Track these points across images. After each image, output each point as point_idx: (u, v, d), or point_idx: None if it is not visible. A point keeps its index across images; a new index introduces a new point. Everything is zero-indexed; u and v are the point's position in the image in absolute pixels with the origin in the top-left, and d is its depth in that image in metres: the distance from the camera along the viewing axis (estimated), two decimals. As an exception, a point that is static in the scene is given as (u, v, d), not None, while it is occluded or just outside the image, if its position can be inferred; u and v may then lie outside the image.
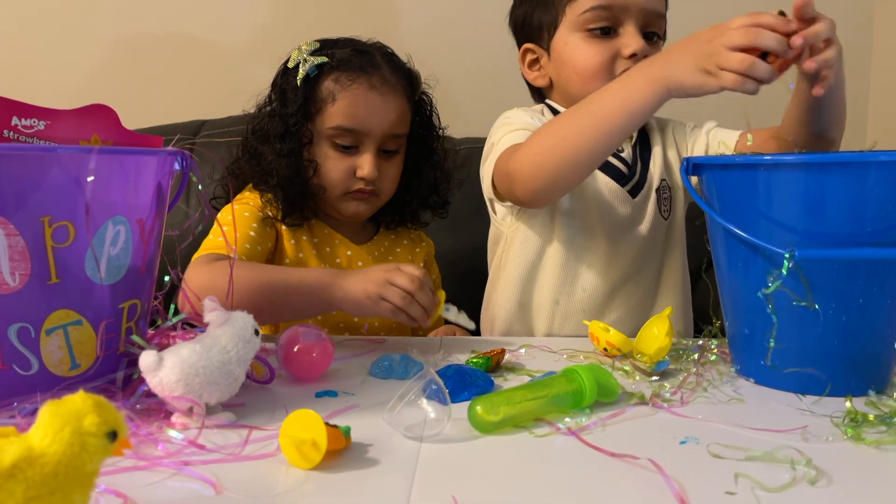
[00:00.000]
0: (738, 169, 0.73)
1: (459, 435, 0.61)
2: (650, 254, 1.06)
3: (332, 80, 1.06)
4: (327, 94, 1.06)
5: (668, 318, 0.83)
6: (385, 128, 1.06)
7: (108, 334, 0.67)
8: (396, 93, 1.08)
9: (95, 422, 0.41)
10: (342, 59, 1.07)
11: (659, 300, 1.07)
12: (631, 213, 1.04)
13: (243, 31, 1.67)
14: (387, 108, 1.06)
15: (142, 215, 0.68)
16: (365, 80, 1.06)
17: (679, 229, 1.09)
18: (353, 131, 1.05)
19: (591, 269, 1.04)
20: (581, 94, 0.98)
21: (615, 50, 1.00)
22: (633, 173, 1.05)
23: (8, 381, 0.62)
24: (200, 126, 1.50)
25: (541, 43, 1.07)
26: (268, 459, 0.56)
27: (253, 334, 0.66)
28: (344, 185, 1.07)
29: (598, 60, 1.00)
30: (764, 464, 0.55)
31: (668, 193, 1.08)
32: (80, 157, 0.62)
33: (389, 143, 1.08)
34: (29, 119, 0.68)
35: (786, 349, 0.70)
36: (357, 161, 1.07)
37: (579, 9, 1.01)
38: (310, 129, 1.07)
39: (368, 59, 1.08)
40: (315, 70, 1.06)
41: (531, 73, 1.10)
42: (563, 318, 1.04)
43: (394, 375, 0.78)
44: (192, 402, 0.61)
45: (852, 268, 0.69)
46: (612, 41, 1.00)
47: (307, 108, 1.06)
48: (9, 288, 0.61)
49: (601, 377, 0.68)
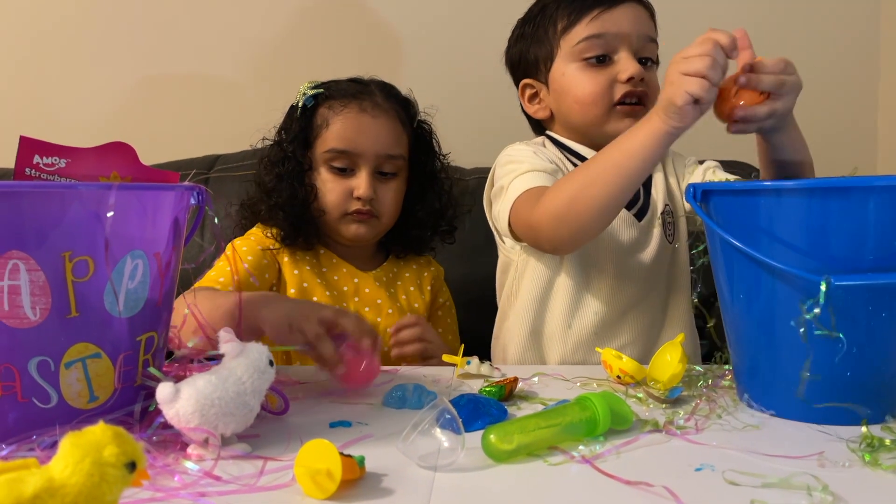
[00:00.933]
0: (745, 195, 0.73)
1: (473, 464, 0.61)
2: (656, 278, 1.07)
3: (326, 108, 1.13)
4: (322, 120, 1.13)
5: (680, 344, 0.83)
6: (378, 148, 1.11)
7: (125, 367, 0.67)
8: (388, 115, 1.13)
9: (115, 453, 0.42)
10: (337, 88, 1.14)
11: (667, 324, 1.08)
12: (638, 237, 1.06)
13: (253, 71, 1.71)
14: (378, 129, 1.11)
15: (159, 249, 0.69)
16: (356, 104, 1.12)
17: (684, 255, 1.10)
18: (346, 153, 1.11)
19: (601, 292, 1.05)
20: (582, 122, 1.02)
21: (612, 76, 1.02)
22: (637, 197, 1.07)
23: (28, 413, 0.63)
24: (215, 161, 1.52)
25: (538, 77, 1.10)
26: (283, 490, 0.56)
27: (268, 365, 0.67)
28: (342, 206, 1.12)
29: (596, 88, 1.03)
30: (780, 490, 0.55)
31: (671, 219, 1.09)
32: (100, 193, 0.64)
33: (385, 164, 1.12)
34: (50, 157, 0.70)
35: (799, 379, 0.69)
36: (353, 182, 1.11)
37: (573, 40, 1.04)
38: (309, 157, 1.13)
39: (362, 87, 1.15)
40: (311, 100, 1.13)
41: (532, 107, 1.13)
42: (575, 344, 1.05)
43: (407, 405, 0.78)
44: (207, 434, 0.62)
45: (870, 294, 0.68)
46: (608, 68, 1.03)
47: (306, 136, 1.13)
48: (30, 322, 0.62)
49: (615, 405, 0.68)
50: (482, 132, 1.56)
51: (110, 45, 1.70)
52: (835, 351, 0.68)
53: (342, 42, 1.70)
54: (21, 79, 1.70)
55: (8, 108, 1.69)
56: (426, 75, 1.61)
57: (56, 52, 1.70)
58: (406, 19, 1.70)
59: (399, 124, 1.14)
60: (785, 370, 0.72)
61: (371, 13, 1.70)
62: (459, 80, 1.66)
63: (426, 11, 1.70)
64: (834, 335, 0.67)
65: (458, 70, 1.67)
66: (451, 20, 1.70)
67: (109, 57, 1.70)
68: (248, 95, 1.71)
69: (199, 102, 1.72)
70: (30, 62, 1.70)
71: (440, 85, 1.61)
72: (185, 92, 1.72)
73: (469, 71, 1.65)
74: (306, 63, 1.70)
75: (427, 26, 1.70)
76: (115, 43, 1.70)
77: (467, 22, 1.70)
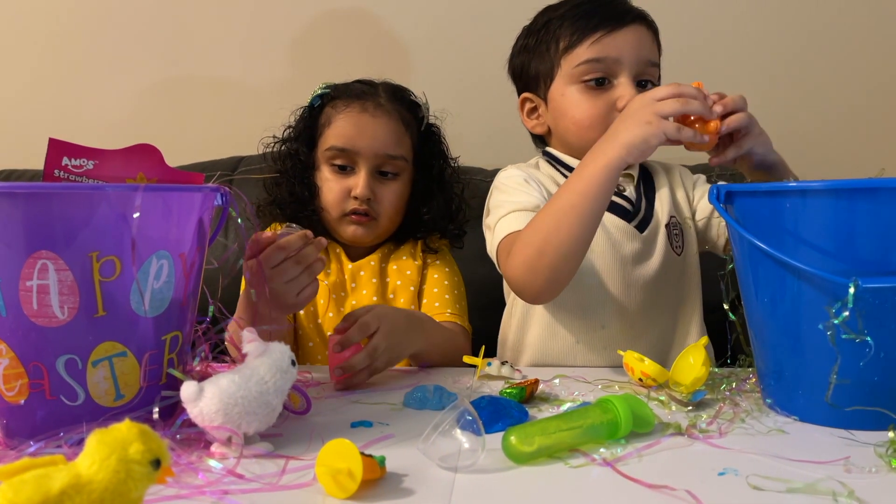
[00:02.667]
0: (770, 196, 0.72)
1: (494, 465, 0.61)
2: (665, 289, 1.05)
3: (330, 107, 1.15)
4: (325, 119, 1.15)
5: (703, 347, 0.82)
6: (377, 147, 1.12)
7: (151, 365, 0.68)
8: (390, 115, 1.13)
9: (140, 450, 0.43)
10: (343, 89, 1.16)
11: (678, 335, 1.06)
12: (641, 248, 1.05)
13: (277, 74, 1.73)
14: (377, 129, 1.12)
15: (184, 250, 0.70)
16: (358, 104, 1.13)
17: (693, 265, 1.09)
18: (345, 151, 1.12)
19: (607, 305, 1.04)
20: (579, 143, 1.03)
21: (611, 102, 1.01)
22: (637, 209, 1.06)
23: (55, 411, 0.65)
24: (238, 162, 1.54)
25: (538, 92, 1.09)
26: (304, 489, 0.57)
27: (290, 365, 0.67)
28: (340, 206, 1.13)
29: (594, 113, 1.02)
30: (805, 496, 0.54)
31: (678, 230, 1.08)
32: (127, 194, 0.65)
33: (385, 164, 1.13)
34: (79, 159, 0.71)
35: (827, 383, 0.68)
36: (352, 181, 1.12)
37: (574, 61, 1.03)
38: (314, 156, 1.16)
39: (368, 88, 1.16)
40: (318, 100, 1.16)
41: (530, 122, 1.12)
42: (584, 357, 1.04)
43: (428, 406, 0.78)
44: (230, 432, 0.62)
45: (894, 296, 0.67)
46: (607, 93, 1.02)
47: (311, 134, 1.16)
48: (58, 321, 0.63)
49: (636, 407, 0.68)
50: (503, 133, 1.56)
51: (135, 47, 1.72)
52: (861, 355, 0.67)
53: (361, 46, 1.70)
54: (47, 81, 1.73)
55: (34, 111, 1.73)
56: (447, 77, 1.62)
57: (81, 55, 1.73)
58: (428, 22, 1.70)
59: (401, 125, 1.14)
60: (810, 374, 0.71)
61: (390, 19, 1.71)
62: (481, 81, 1.65)
63: (452, 13, 1.70)
64: (861, 339, 0.66)
65: (478, 71, 1.67)
66: (473, 21, 1.70)
67: (134, 59, 1.72)
68: (271, 98, 1.72)
69: (223, 105, 1.73)
70: (56, 65, 1.73)
71: (462, 85, 1.62)
72: (209, 94, 1.74)
73: (492, 71, 1.65)
74: (328, 66, 1.70)
75: (447, 28, 1.70)
76: (139, 46, 1.72)
77: (490, 21, 1.69)
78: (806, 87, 1.66)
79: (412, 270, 1.17)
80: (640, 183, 1.09)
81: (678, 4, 1.60)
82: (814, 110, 1.66)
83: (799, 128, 1.62)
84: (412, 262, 1.18)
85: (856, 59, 1.67)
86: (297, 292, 0.88)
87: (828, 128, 1.67)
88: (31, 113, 1.73)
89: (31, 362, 0.64)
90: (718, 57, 1.64)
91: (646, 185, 1.09)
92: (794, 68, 1.66)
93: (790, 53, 1.65)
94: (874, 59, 1.68)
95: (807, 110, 1.65)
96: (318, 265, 0.90)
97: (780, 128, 1.67)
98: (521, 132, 1.18)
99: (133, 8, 1.72)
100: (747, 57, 1.65)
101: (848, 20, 1.67)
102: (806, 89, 1.66)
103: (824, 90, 1.66)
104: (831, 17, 1.66)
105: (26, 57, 1.73)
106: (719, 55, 1.64)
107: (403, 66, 1.64)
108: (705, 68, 1.59)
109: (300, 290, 0.87)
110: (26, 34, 1.72)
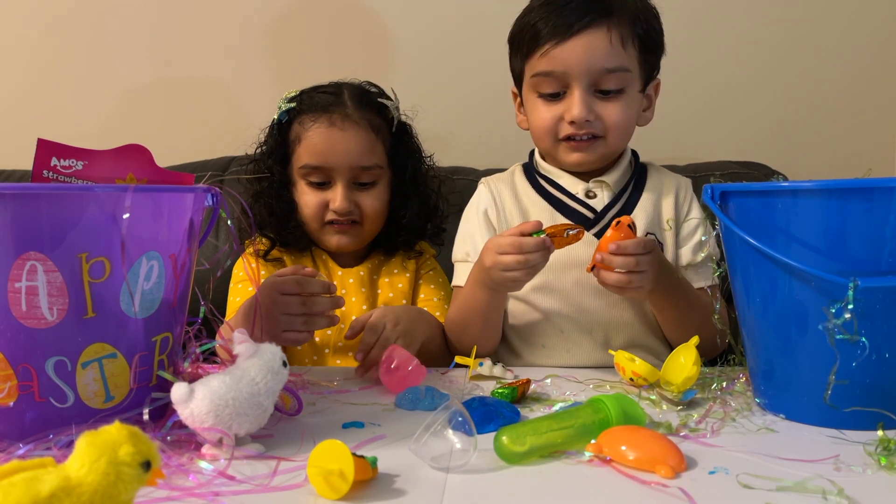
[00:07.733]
0: (763, 196, 0.73)
1: (486, 465, 0.61)
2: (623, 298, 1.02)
3: (297, 124, 1.14)
4: (294, 137, 1.14)
5: (694, 347, 0.82)
6: (350, 161, 1.11)
7: (141, 367, 0.68)
8: (359, 127, 1.12)
9: (130, 452, 0.43)
10: (309, 102, 1.14)
11: (656, 340, 1.05)
12: None
13: (267, 73, 1.72)
14: (348, 143, 1.11)
15: (174, 250, 0.70)
16: (325, 119, 1.12)
17: None
18: (319, 168, 1.12)
19: (564, 310, 1.03)
20: (540, 147, 1.07)
21: (560, 113, 1.01)
22: (600, 218, 1.03)
23: (44, 413, 0.64)
24: (229, 162, 1.53)
25: (520, 91, 1.09)
26: (296, 490, 0.56)
27: (281, 366, 0.67)
28: (318, 218, 1.13)
29: (545, 123, 1.03)
30: (795, 494, 0.54)
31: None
32: (117, 195, 0.64)
33: (361, 175, 1.13)
34: (68, 160, 0.71)
35: (818, 383, 0.69)
36: (330, 195, 1.12)
37: (530, 71, 1.03)
38: (288, 172, 1.15)
39: (333, 99, 1.13)
40: (285, 115, 1.15)
41: (518, 116, 1.13)
42: (550, 360, 1.03)
43: (420, 406, 0.78)
44: (221, 434, 0.62)
45: (889, 296, 0.67)
46: (559, 103, 1.02)
47: (284, 151, 1.15)
48: (47, 322, 0.63)
49: (627, 407, 0.68)
50: (495, 132, 1.56)
51: (125, 48, 1.71)
52: (854, 355, 0.67)
53: (353, 46, 1.70)
54: (36, 81, 1.72)
55: (23, 111, 1.71)
56: (441, 79, 1.62)
57: (71, 55, 1.71)
58: (422, 19, 1.70)
59: (371, 133, 1.12)
60: (801, 374, 0.71)
61: (381, 17, 1.71)
62: (473, 80, 1.66)
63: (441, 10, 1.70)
64: (856, 339, 0.67)
65: (472, 71, 1.67)
66: (471, 18, 1.70)
67: (125, 60, 1.71)
68: (261, 98, 1.71)
69: (214, 105, 1.73)
70: (45, 65, 1.72)
71: (454, 85, 1.62)
72: (200, 95, 1.73)
73: (485, 71, 1.65)
74: (318, 65, 1.70)
75: (437, 24, 1.71)
76: (129, 45, 1.71)
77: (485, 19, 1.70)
78: (795, 81, 1.66)
79: (404, 283, 1.18)
80: (626, 190, 1.06)
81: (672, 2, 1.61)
82: (803, 104, 1.66)
83: (789, 122, 1.62)
84: (404, 276, 1.19)
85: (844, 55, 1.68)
86: (284, 329, 0.90)
87: (817, 123, 1.67)
88: (20, 113, 1.71)
89: (20, 364, 0.63)
90: (712, 53, 1.65)
91: (632, 194, 1.06)
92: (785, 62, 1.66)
93: (781, 49, 1.66)
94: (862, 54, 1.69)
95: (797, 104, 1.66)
96: (322, 320, 0.92)
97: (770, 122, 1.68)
98: (513, 132, 1.18)
99: (124, 8, 1.71)
100: (740, 52, 1.65)
101: (836, 17, 1.68)
102: (795, 83, 1.66)
103: (813, 84, 1.67)
104: (820, 13, 1.67)
105: (16, 57, 1.71)
106: (712, 52, 1.65)
107: (395, 67, 1.64)
108: (699, 65, 1.60)
109: (288, 329, 0.90)
110: (16, 34, 1.71)
